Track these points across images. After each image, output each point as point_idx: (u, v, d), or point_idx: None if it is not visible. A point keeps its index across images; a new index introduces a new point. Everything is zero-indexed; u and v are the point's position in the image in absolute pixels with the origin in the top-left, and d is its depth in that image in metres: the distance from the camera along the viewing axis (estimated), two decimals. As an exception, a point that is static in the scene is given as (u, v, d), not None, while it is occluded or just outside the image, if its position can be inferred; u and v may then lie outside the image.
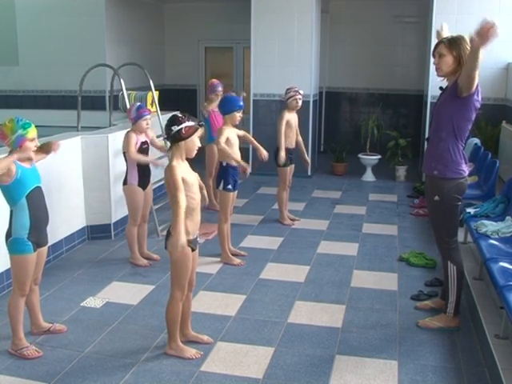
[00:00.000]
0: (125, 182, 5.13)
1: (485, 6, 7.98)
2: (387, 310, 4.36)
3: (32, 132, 3.45)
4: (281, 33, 8.77)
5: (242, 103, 5.22)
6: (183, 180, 3.37)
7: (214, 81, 7.05)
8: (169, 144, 3.50)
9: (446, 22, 4.15)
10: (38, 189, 3.55)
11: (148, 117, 5.08)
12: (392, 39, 10.72)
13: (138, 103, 5.50)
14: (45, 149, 3.76)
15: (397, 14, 10.51)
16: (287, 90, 6.35)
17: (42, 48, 9.90)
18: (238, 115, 5.16)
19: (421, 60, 10.21)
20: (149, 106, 7.54)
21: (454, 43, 3.68)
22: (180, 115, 3.39)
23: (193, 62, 11.74)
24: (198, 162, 4.40)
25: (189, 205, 3.42)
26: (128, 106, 6.08)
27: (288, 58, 8.82)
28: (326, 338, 3.90)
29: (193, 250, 3.54)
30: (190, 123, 3.37)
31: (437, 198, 3.82)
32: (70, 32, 9.69)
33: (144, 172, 5.14)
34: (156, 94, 6.98)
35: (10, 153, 3.45)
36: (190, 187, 3.43)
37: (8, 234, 3.50)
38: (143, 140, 5.11)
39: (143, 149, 5.10)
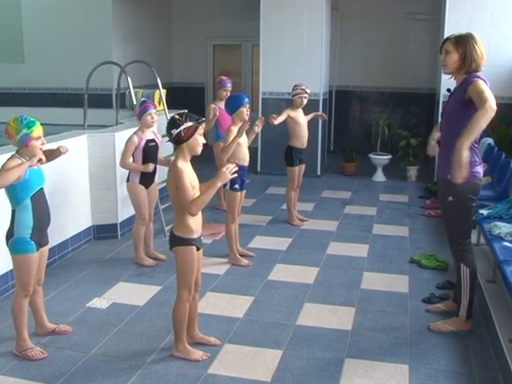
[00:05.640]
0: (128, 179, 5.14)
1: (499, 2, 7.93)
2: (398, 313, 4.33)
3: (37, 130, 3.44)
4: (290, 30, 8.75)
5: (246, 99, 5.21)
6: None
7: (223, 77, 7.03)
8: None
9: (459, 20, 4.15)
10: (42, 190, 3.56)
11: (153, 111, 5.07)
12: (403, 37, 10.66)
13: (143, 98, 5.53)
14: (53, 154, 3.78)
15: (408, 11, 10.44)
16: (294, 86, 6.37)
17: (47, 45, 9.90)
18: (245, 110, 5.14)
19: (433, 58, 10.15)
20: (156, 104, 7.56)
21: (461, 40, 3.69)
22: (177, 117, 3.37)
23: (201, 59, 11.74)
24: (204, 160, 4.39)
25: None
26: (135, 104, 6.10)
27: (297, 56, 8.79)
28: (335, 341, 3.89)
29: (197, 249, 3.54)
30: (189, 124, 3.35)
31: (450, 198, 3.79)
32: (76, 29, 9.71)
33: (148, 172, 5.12)
34: (163, 92, 6.99)
35: (17, 152, 3.46)
36: (193, 189, 3.43)
37: (10, 234, 3.50)
38: (150, 138, 5.09)
39: (150, 147, 5.08)
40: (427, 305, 4.44)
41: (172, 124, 3.38)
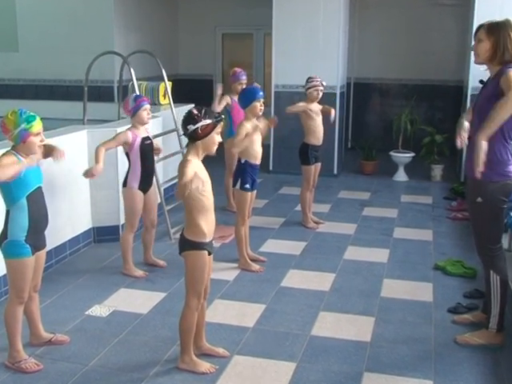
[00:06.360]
0: (124, 184, 5.08)
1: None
2: (421, 324, 4.30)
3: (37, 126, 3.43)
4: (305, 18, 8.72)
5: (261, 93, 5.19)
6: (196, 176, 3.37)
7: (237, 69, 7.03)
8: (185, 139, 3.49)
9: (491, 6, 4.11)
10: (40, 189, 3.55)
11: (148, 106, 5.03)
12: (428, 24, 10.58)
13: (134, 94, 5.49)
14: (46, 151, 3.73)
15: (433, -4, 10.41)
16: (309, 78, 6.36)
17: (43, 33, 9.89)
18: (259, 105, 5.12)
19: (460, 47, 10.09)
20: (161, 98, 7.56)
21: (494, 28, 3.66)
22: (196, 112, 3.37)
23: (209, 49, 11.75)
24: (215, 159, 4.37)
25: (202, 204, 3.43)
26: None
27: (313, 46, 8.77)
28: (353, 353, 3.86)
29: (209, 253, 3.54)
30: (207, 121, 3.35)
31: (480, 199, 3.75)
32: (74, 16, 9.70)
33: (147, 174, 5.07)
34: (169, 84, 6.98)
35: (13, 148, 3.45)
36: (203, 184, 3.43)
37: (3, 237, 3.49)
38: (144, 135, 5.03)
39: (146, 145, 5.02)
40: (453, 315, 4.40)
41: (189, 119, 3.37)
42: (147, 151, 5.04)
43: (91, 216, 5.85)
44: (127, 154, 5.01)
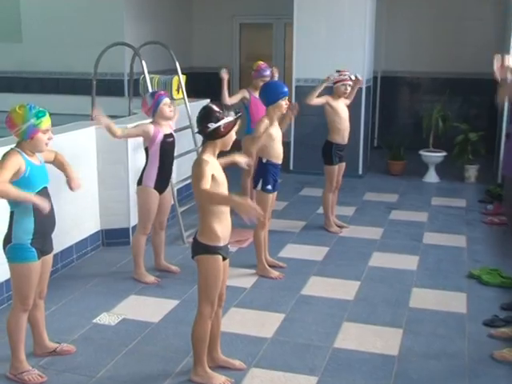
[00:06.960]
0: (139, 183, 5.09)
1: None
2: (454, 337, 4.27)
3: (46, 122, 3.46)
4: (329, 6, 8.70)
5: (286, 89, 5.18)
6: (213, 177, 3.39)
7: (262, 64, 7.01)
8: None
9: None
10: (45, 190, 3.57)
11: (167, 100, 5.03)
12: (462, 12, 10.51)
13: (151, 90, 5.49)
14: (58, 163, 3.84)
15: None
16: (336, 72, 6.37)
17: (49, 22, 9.95)
18: (284, 103, 5.11)
19: (498, 37, 10.00)
20: (175, 93, 7.57)
21: None
22: (217, 109, 3.39)
23: (226, 41, 11.77)
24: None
25: (217, 207, 3.43)
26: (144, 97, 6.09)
27: (337, 37, 8.75)
28: (379, 368, 3.84)
29: (224, 258, 3.53)
30: (229, 118, 3.39)
31: (520, 202, 3.72)
32: (82, 4, 9.77)
33: (164, 173, 5.10)
34: (183, 78, 6.99)
35: (18, 144, 3.47)
36: (219, 186, 3.44)
37: (7, 240, 3.50)
38: (167, 132, 5.06)
39: (167, 143, 5.04)
40: (490, 329, 4.36)
41: (209, 116, 3.38)
42: (168, 149, 5.06)
43: (99, 218, 5.88)
44: (146, 150, 5.03)
